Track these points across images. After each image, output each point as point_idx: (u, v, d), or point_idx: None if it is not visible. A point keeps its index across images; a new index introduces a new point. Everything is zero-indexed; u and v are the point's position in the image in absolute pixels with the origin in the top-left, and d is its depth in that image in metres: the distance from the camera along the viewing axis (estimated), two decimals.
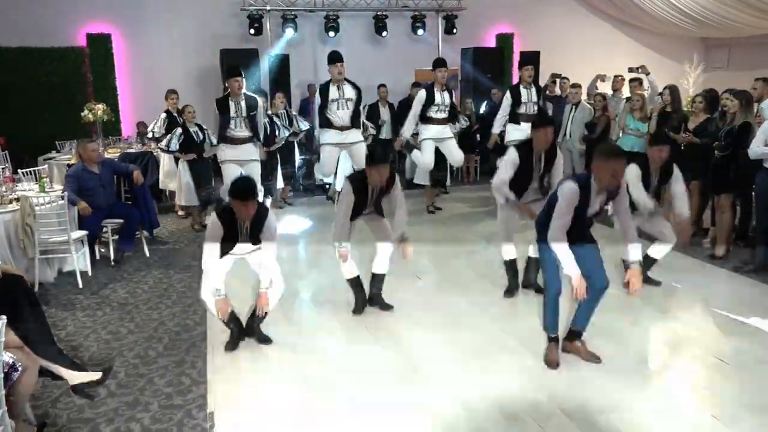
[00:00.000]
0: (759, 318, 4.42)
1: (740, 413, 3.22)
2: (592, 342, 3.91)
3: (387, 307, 4.70)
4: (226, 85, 6.40)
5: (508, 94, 6.87)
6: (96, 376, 3.30)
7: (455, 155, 6.92)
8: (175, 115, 7.79)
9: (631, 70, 7.73)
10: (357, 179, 4.35)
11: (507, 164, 4.47)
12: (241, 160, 6.49)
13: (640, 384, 3.54)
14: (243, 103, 6.34)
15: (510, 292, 4.92)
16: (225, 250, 3.96)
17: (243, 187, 3.75)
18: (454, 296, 4.99)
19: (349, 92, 6.44)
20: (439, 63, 6.71)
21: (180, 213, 7.94)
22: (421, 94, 6.75)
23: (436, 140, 6.76)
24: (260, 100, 6.63)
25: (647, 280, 5.12)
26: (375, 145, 4.75)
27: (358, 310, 4.62)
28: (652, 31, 13.02)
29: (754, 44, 12.22)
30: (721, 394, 3.41)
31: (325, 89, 6.45)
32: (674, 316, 4.52)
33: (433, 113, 6.65)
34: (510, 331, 4.29)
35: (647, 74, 7.48)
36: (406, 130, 6.81)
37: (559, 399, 3.39)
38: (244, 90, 6.39)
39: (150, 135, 8.00)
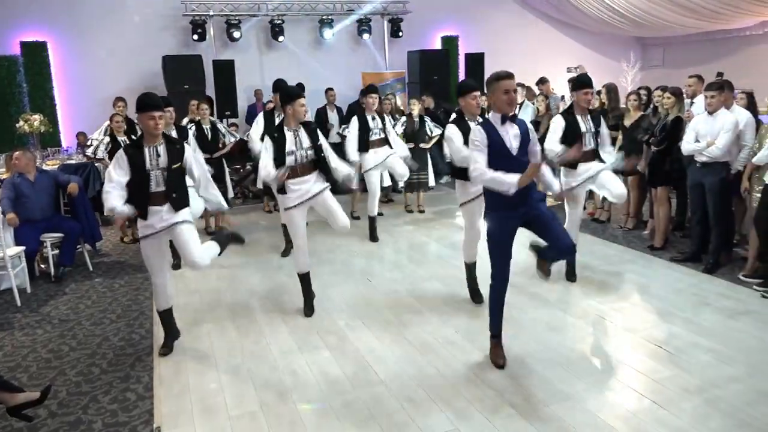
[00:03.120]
0: (693, 304, 4.64)
1: (678, 396, 3.36)
2: (534, 331, 4.02)
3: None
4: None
5: (355, 121, 6.76)
6: (34, 396, 3.17)
7: (399, 171, 6.73)
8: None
9: (569, 69, 7.97)
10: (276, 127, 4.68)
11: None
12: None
13: (583, 373, 3.65)
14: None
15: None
16: (139, 201, 3.87)
17: (147, 99, 3.84)
18: (402, 296, 5.04)
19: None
20: (368, 90, 6.74)
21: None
22: (354, 121, 6.73)
23: (378, 166, 6.72)
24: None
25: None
26: (291, 87, 4.80)
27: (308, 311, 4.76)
28: (591, 32, 13.46)
29: (688, 43, 12.79)
30: (660, 379, 3.55)
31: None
32: (614, 305, 4.67)
33: (371, 137, 6.66)
34: (456, 327, 4.36)
35: (584, 73, 7.71)
36: (351, 154, 6.53)
37: (505, 392, 3.46)
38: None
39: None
